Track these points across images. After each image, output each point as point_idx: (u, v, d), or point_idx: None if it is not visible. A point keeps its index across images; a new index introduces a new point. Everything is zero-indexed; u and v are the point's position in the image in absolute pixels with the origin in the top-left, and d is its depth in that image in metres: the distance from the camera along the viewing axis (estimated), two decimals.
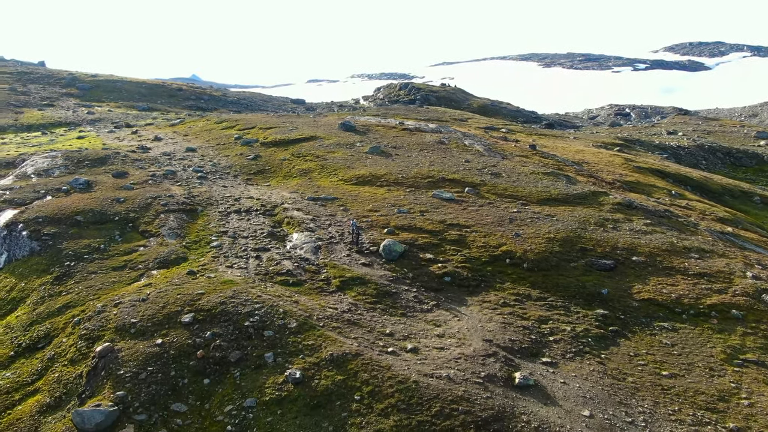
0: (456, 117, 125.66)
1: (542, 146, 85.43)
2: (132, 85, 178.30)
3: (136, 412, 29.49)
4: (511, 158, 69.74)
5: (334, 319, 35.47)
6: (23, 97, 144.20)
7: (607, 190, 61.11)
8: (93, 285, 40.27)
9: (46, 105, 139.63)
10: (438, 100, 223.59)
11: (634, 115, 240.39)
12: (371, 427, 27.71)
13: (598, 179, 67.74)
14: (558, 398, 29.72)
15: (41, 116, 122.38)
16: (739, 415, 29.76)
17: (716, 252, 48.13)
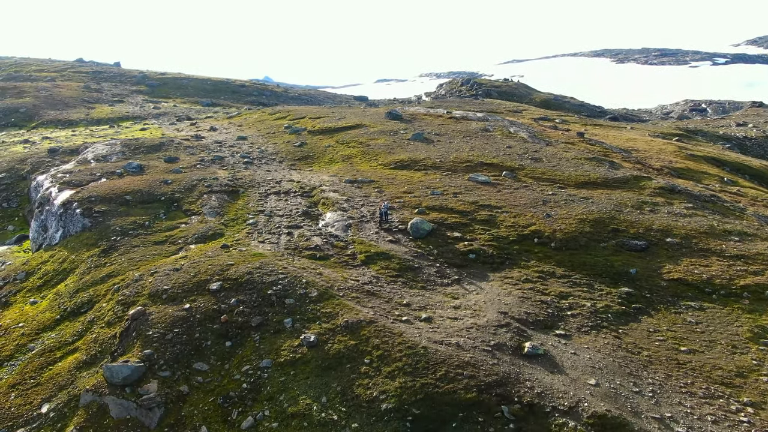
0: (511, 108, 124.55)
1: (592, 134, 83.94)
2: (197, 82, 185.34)
3: (161, 369, 31.47)
4: (555, 145, 69.00)
5: (354, 290, 36.58)
6: (96, 94, 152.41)
7: (652, 175, 59.69)
8: (134, 257, 42.85)
9: (117, 101, 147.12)
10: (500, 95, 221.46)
11: (711, 110, 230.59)
12: (377, 388, 28.64)
13: (644, 165, 66.17)
14: (566, 367, 29.80)
15: (110, 111, 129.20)
16: (755, 390, 29.04)
17: (759, 236, 46.45)
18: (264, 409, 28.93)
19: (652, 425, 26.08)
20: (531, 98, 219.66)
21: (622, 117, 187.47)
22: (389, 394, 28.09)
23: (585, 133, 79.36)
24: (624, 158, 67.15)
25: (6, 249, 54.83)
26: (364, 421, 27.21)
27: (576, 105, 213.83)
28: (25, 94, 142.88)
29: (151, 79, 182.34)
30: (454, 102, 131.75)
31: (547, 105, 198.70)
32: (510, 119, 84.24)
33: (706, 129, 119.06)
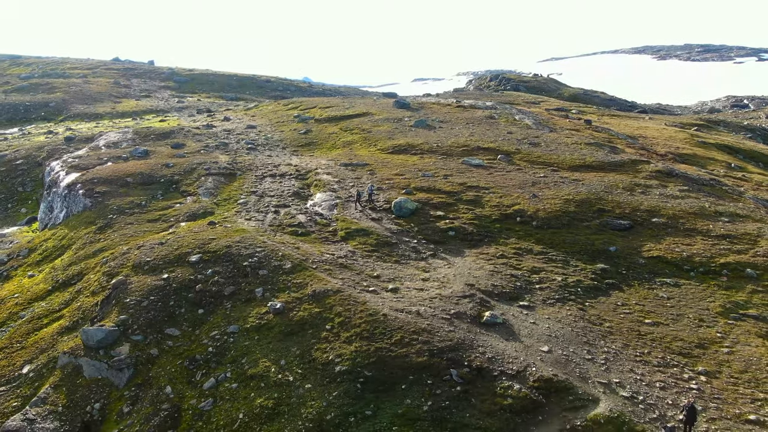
0: (529, 100, 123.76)
1: (604, 123, 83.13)
2: (224, 78, 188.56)
3: (134, 333, 32.76)
4: (558, 131, 68.66)
5: (328, 262, 37.35)
6: (124, 90, 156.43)
7: (652, 160, 59.05)
8: (126, 233, 44.39)
9: (144, 96, 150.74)
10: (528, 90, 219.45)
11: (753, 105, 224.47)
12: (333, 352, 29.37)
13: (648, 151, 65.41)
14: (521, 335, 30.07)
15: (135, 105, 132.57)
16: (713, 360, 28.91)
17: (752, 217, 45.73)
18: (226, 371, 29.93)
19: (598, 389, 26.24)
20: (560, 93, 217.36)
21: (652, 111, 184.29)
22: (344, 358, 28.80)
23: (593, 121, 78.69)
24: (628, 144, 66.47)
25: (16, 229, 57.22)
26: (317, 383, 27.97)
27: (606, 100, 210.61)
28: (57, 89, 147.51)
29: (179, 75, 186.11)
30: (472, 94, 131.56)
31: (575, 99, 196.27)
32: (519, 108, 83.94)
33: (730, 120, 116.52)
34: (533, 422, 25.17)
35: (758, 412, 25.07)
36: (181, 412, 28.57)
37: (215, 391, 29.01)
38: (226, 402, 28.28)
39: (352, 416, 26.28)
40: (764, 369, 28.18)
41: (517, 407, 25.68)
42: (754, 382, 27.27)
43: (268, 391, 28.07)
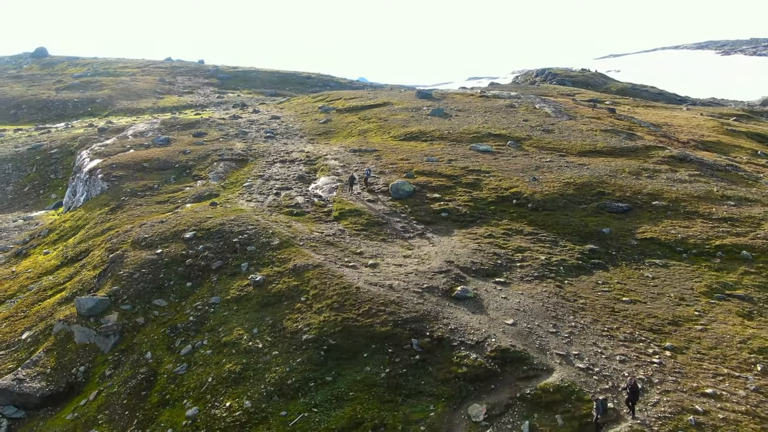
0: (563, 92, 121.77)
1: (632, 113, 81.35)
2: (266, 74, 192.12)
3: (123, 303, 34.29)
4: (577, 119, 67.65)
5: (315, 240, 38.15)
6: (168, 87, 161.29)
7: (671, 146, 57.65)
8: (134, 214, 46.25)
9: (186, 93, 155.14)
10: (574, 84, 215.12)
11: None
12: (303, 322, 30.15)
13: (669, 138, 63.82)
14: (489, 309, 30.16)
15: (176, 101, 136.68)
16: (683, 337, 28.38)
17: (762, 201, 44.28)
18: (204, 338, 31.08)
19: (554, 360, 26.18)
20: (607, 87, 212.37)
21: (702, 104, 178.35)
22: (312, 327, 29.54)
23: (624, 111, 77.42)
24: (649, 132, 65.01)
25: (44, 213, 60.23)
26: (284, 350, 28.79)
27: (654, 94, 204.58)
28: (105, 87, 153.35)
29: (222, 73, 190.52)
30: (506, 87, 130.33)
31: (623, 93, 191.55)
32: (544, 98, 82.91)
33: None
34: (485, 390, 25.36)
35: (717, 387, 24.57)
36: (157, 375, 29.81)
37: (191, 357, 30.16)
38: (199, 367, 29.38)
39: (313, 381, 27.00)
40: (735, 346, 27.53)
41: (471, 376, 25.91)
42: (720, 358, 26.68)
43: (238, 357, 29.04)
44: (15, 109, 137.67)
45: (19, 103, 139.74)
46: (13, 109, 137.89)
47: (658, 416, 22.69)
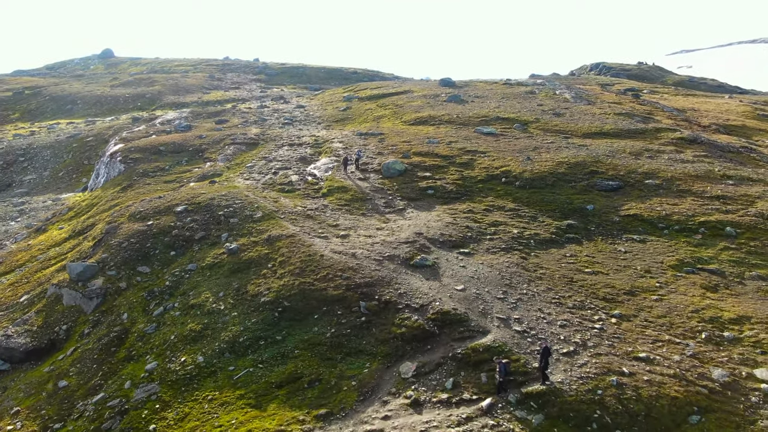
0: (602, 82, 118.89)
1: (663, 99, 79.10)
2: (313, 70, 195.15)
3: (109, 269, 36.28)
4: (596, 104, 66.39)
5: (296, 213, 39.25)
6: (216, 83, 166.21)
7: (683, 129, 56.01)
8: (141, 192, 48.53)
9: (233, 88, 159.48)
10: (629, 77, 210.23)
11: None
12: (264, 286, 31.28)
13: (690, 122, 61.89)
14: (443, 276, 30.50)
15: (221, 95, 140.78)
16: (634, 306, 28.03)
17: (765, 181, 42.73)
18: (175, 301, 32.63)
19: (493, 323, 26.38)
20: (663, 80, 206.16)
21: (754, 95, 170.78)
22: (271, 290, 30.64)
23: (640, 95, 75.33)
24: (669, 116, 63.22)
25: (71, 195, 63.66)
26: (243, 311, 29.99)
27: (714, 86, 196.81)
28: (156, 83, 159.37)
29: (270, 69, 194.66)
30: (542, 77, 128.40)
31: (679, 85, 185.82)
32: (568, 85, 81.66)
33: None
34: (421, 350, 25.82)
35: (653, 352, 24.26)
36: (129, 334, 31.50)
37: (161, 318, 31.74)
38: (166, 327, 30.91)
39: (263, 340, 28.09)
40: (686, 315, 27.00)
41: (408, 336, 26.42)
42: (666, 326, 26.25)
43: (200, 318, 30.42)
44: (71, 105, 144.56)
45: (75, 99, 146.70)
46: (69, 105, 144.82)
47: (581, 376, 22.66)
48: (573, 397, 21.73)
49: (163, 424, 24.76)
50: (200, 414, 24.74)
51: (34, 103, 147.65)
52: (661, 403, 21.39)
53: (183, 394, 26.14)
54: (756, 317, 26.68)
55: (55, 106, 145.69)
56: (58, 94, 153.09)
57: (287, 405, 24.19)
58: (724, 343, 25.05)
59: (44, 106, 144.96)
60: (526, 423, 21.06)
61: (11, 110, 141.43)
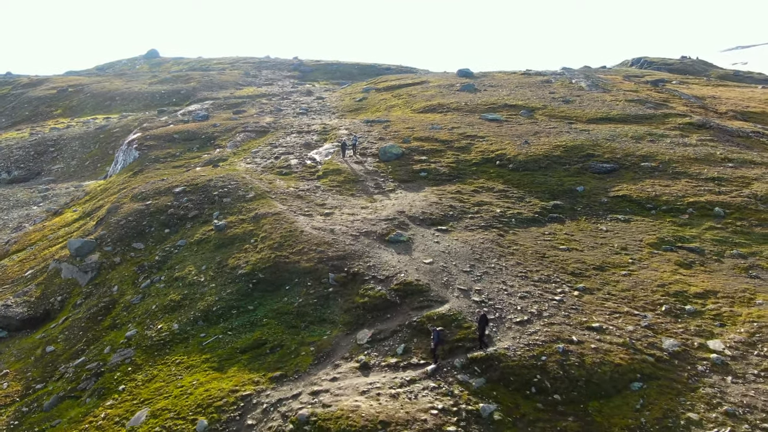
0: (632, 74, 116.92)
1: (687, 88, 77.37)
2: (346, 66, 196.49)
3: (106, 245, 37.85)
4: (611, 92, 65.39)
5: (287, 194, 40.15)
6: (250, 79, 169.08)
7: (696, 115, 54.86)
8: (150, 176, 50.21)
9: (266, 84, 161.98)
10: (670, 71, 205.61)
11: None
12: (243, 259, 32.22)
13: (707, 109, 60.55)
14: (415, 251, 30.88)
15: (252, 91, 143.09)
16: (601, 280, 27.92)
17: (766, 164, 41.68)
18: (162, 275, 33.88)
19: (453, 294, 26.68)
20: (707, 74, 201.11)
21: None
22: (249, 263, 31.57)
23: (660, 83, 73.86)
24: (686, 103, 61.97)
25: (94, 182, 66.14)
26: (220, 282, 31.00)
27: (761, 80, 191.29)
28: (192, 80, 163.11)
29: (305, 66, 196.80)
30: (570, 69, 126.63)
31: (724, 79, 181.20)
32: (587, 74, 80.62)
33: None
34: (381, 319, 26.30)
35: (607, 322, 24.20)
36: (116, 305, 32.88)
37: (147, 290, 33.02)
38: (151, 297, 32.17)
39: (235, 309, 29.01)
40: (650, 289, 26.77)
41: (370, 306, 26.95)
42: (627, 299, 26.10)
43: (181, 289, 31.56)
44: (109, 101, 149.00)
45: (113, 96, 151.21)
46: (108, 101, 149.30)
47: (528, 343, 22.79)
48: (516, 362, 21.90)
49: (132, 384, 25.85)
50: (167, 376, 25.75)
51: (76, 100, 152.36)
52: (603, 369, 21.38)
53: (155, 358, 27.22)
54: (723, 292, 26.27)
55: (94, 103, 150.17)
56: (99, 91, 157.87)
57: (247, 368, 24.97)
58: (684, 315, 24.77)
59: (84, 102, 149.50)
60: (466, 386, 21.35)
61: (54, 107, 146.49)
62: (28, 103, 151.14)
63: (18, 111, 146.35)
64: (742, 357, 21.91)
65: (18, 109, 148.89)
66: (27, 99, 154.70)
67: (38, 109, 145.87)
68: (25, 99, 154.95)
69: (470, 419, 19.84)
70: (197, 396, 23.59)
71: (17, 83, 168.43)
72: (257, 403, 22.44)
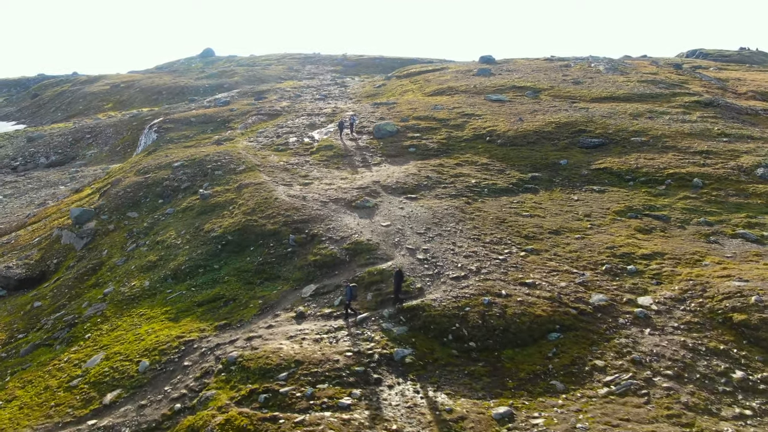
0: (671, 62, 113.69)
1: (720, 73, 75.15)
2: (388, 60, 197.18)
3: (103, 214, 40.04)
4: (628, 75, 64.12)
5: (276, 167, 41.46)
6: (293, 73, 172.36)
7: (704, 94, 53.45)
8: (160, 155, 52.45)
9: (307, 78, 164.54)
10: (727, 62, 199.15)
11: None
12: (218, 224, 33.67)
13: (725, 89, 58.82)
14: (377, 215, 31.62)
15: (293, 84, 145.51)
16: (551, 242, 28.03)
17: (765, 139, 40.49)
18: (147, 239, 35.71)
19: (400, 253, 27.33)
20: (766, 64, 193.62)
21: None
22: (221, 227, 32.98)
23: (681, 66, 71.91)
24: (704, 84, 60.37)
25: (118, 165, 69.34)
26: (194, 244, 32.51)
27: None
28: (236, 75, 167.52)
29: (348, 61, 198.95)
30: None
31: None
32: (610, 59, 79.13)
33: None
34: (330, 275, 27.22)
35: (543, 279, 24.39)
36: (103, 266, 34.87)
37: (131, 253, 34.90)
38: (133, 259, 34.00)
39: (201, 268, 30.44)
40: (597, 251, 26.73)
41: (321, 263, 27.89)
42: (571, 260, 26.15)
43: (159, 251, 33.25)
44: (156, 95, 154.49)
45: (160, 90, 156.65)
46: (155, 95, 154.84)
47: (457, 296, 23.25)
48: (438, 312, 22.42)
49: (97, 333, 27.57)
50: (128, 326, 27.34)
51: (126, 95, 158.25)
52: (522, 320, 21.66)
53: (123, 311, 28.90)
54: (671, 254, 26.00)
55: (143, 97, 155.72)
56: (148, 86, 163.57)
57: (199, 319, 26.28)
58: (623, 274, 24.69)
59: (134, 97, 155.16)
60: (387, 333, 22.01)
61: (106, 101, 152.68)
62: (83, 98, 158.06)
63: (73, 105, 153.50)
64: (668, 311, 21.79)
65: (73, 104, 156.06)
66: (82, 95, 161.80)
67: (91, 104, 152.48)
68: (81, 95, 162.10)
69: (381, 361, 20.50)
70: (147, 342, 25.04)
71: (76, 81, 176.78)
72: (197, 348, 23.69)
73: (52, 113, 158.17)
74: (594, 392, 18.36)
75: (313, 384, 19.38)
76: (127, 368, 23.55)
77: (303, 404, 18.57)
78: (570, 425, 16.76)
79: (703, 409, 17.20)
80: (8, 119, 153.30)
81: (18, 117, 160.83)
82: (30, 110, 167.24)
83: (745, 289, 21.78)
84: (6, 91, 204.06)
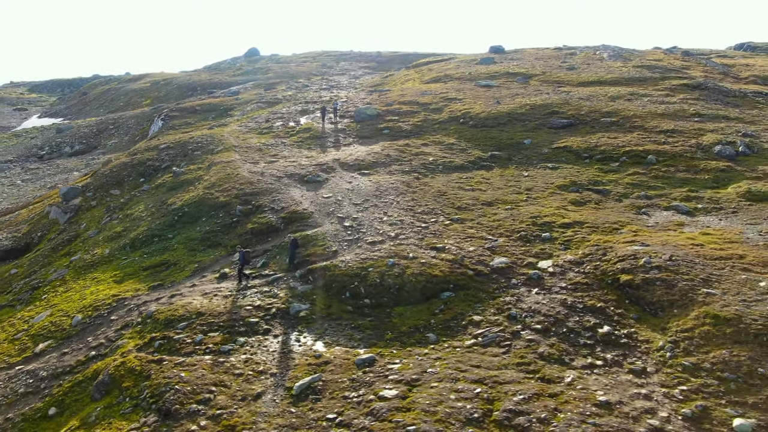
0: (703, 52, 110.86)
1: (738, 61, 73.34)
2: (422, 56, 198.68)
3: (88, 191, 42.38)
4: (629, 61, 63.29)
5: (251, 148, 43.02)
6: (325, 69, 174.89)
7: (697, 78, 52.54)
8: (160, 140, 54.80)
9: (339, 74, 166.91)
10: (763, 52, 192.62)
11: None
12: (180, 198, 35.40)
13: (726, 74, 57.53)
14: (323, 188, 32.75)
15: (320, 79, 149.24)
16: (480, 213, 28.63)
17: (742, 119, 39.92)
18: (120, 214, 37.77)
19: (329, 221, 28.42)
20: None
21: None
22: (182, 201, 34.69)
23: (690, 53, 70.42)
24: (705, 69, 59.19)
25: None
26: (155, 216, 34.34)
27: None
28: (269, 71, 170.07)
29: (382, 57, 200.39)
30: None
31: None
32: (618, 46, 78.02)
33: None
34: (264, 241, 28.53)
35: (454, 245, 25.07)
36: (78, 238, 37.06)
37: (104, 226, 36.99)
38: (104, 231, 36.05)
39: (157, 237, 32.17)
40: (520, 220, 27.19)
41: (257, 231, 29.23)
42: (491, 228, 26.70)
43: (126, 223, 35.21)
44: (191, 91, 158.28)
45: (195, 86, 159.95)
46: (190, 91, 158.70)
47: (365, 258, 24.18)
48: (343, 271, 23.40)
49: (53, 294, 29.57)
50: (80, 288, 29.23)
51: (164, 91, 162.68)
52: (419, 279, 22.43)
53: (80, 275, 30.85)
54: (591, 223, 26.25)
55: (179, 93, 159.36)
56: (185, 83, 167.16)
57: (139, 281, 27.93)
58: (536, 241, 25.12)
59: (171, 93, 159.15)
60: (292, 290, 23.15)
61: (145, 97, 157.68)
62: (125, 95, 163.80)
63: (114, 102, 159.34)
64: (562, 273, 22.21)
65: (115, 100, 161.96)
66: (124, 92, 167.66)
67: (131, 100, 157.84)
68: (123, 92, 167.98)
69: (277, 315, 21.65)
70: (88, 300, 26.84)
71: (121, 79, 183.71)
72: (127, 305, 25.32)
73: (95, 110, 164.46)
74: (461, 343, 19.03)
75: (205, 332, 20.68)
76: (63, 322, 25.36)
77: (189, 349, 19.90)
78: (421, 369, 17.52)
79: (557, 359, 17.70)
80: (56, 116, 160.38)
81: (66, 114, 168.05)
82: (77, 107, 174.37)
83: (641, 252, 22.02)
84: (60, 91, 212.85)
